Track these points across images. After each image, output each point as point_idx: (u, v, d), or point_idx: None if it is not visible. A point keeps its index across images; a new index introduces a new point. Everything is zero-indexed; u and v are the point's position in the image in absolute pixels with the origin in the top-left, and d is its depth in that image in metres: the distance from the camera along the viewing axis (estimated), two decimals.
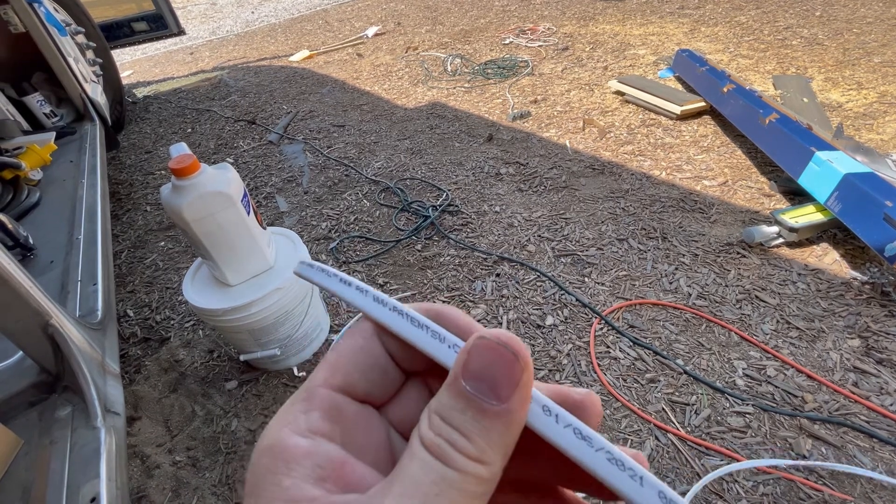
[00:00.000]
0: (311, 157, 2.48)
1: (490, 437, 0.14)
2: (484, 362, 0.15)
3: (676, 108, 2.16)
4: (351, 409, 0.18)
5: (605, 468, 0.14)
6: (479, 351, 0.15)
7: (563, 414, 0.15)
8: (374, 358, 0.18)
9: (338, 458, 0.16)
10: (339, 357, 0.18)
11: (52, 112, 2.17)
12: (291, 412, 0.17)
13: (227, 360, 1.41)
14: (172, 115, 3.41)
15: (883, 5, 2.99)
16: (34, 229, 1.37)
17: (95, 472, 0.74)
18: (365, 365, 0.18)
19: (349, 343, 0.19)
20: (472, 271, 1.58)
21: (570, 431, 0.15)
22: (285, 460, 0.15)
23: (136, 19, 3.50)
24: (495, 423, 0.14)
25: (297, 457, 0.15)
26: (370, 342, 0.19)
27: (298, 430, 0.16)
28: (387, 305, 0.18)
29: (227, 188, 1.04)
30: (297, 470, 0.15)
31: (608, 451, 0.14)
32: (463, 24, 4.21)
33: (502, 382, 0.14)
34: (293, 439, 0.16)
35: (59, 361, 0.87)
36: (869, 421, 1.02)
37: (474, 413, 0.14)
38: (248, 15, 6.74)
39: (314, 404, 0.17)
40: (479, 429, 0.14)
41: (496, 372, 0.14)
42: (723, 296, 1.34)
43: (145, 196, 2.41)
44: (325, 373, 0.18)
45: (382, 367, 0.19)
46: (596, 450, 0.14)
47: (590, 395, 0.18)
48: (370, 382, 0.18)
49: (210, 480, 1.13)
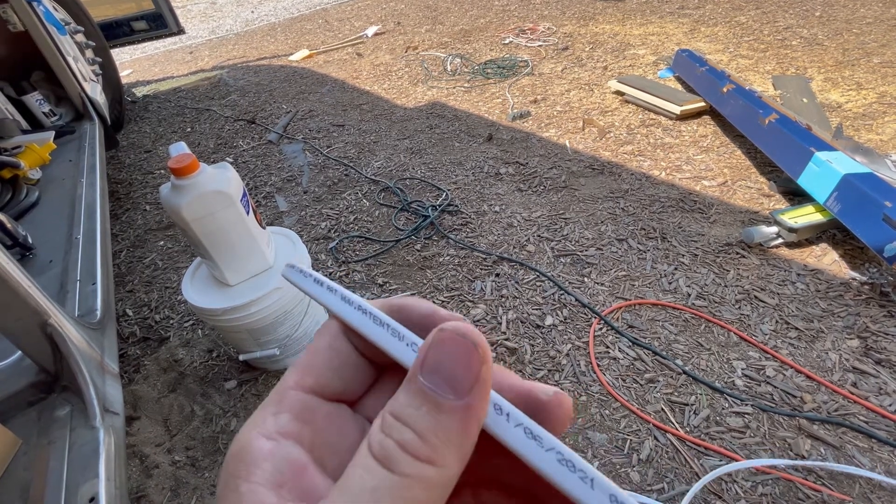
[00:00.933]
0: (310, 157, 2.48)
1: (445, 435, 0.13)
2: (442, 355, 0.14)
3: (676, 109, 2.16)
4: (323, 409, 0.17)
5: (553, 469, 0.14)
6: (438, 343, 0.14)
7: (514, 412, 0.15)
8: (344, 356, 0.18)
9: (299, 462, 0.16)
10: (310, 358, 0.18)
11: (51, 111, 2.17)
12: (262, 415, 0.16)
13: (226, 359, 1.41)
14: (172, 114, 3.41)
15: (882, 6, 2.99)
16: (33, 228, 1.37)
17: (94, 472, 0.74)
18: (336, 363, 0.18)
19: (318, 343, 0.18)
20: (471, 271, 1.58)
21: (521, 431, 0.14)
22: (247, 463, 0.15)
23: (135, 18, 3.49)
24: (452, 419, 0.13)
25: (258, 460, 0.15)
26: (338, 340, 0.18)
27: (265, 433, 0.16)
28: (352, 304, 0.18)
29: (226, 187, 1.04)
30: (256, 474, 0.15)
31: (559, 451, 0.14)
32: (463, 24, 4.21)
33: (460, 376, 0.14)
34: (258, 442, 0.15)
35: (58, 361, 0.87)
36: (868, 421, 1.02)
37: (429, 408, 0.13)
38: (248, 14, 6.73)
39: (284, 406, 0.17)
40: (434, 425, 0.13)
41: (454, 364, 0.14)
42: (722, 296, 1.34)
43: (144, 195, 2.41)
44: (297, 375, 0.18)
45: (353, 364, 0.18)
46: (546, 450, 0.14)
47: (558, 394, 0.17)
48: (343, 380, 0.18)
49: (209, 480, 1.13)
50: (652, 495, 0.96)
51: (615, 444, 1.06)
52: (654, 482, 0.98)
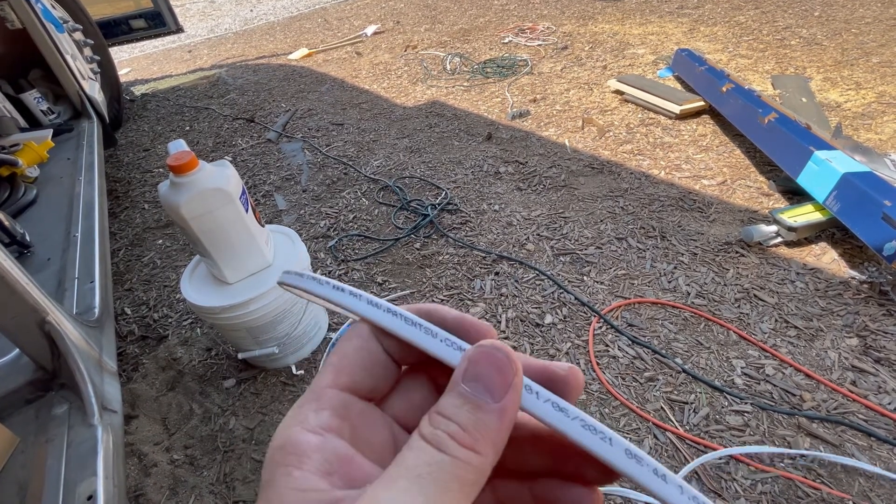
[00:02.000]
0: (309, 156, 2.48)
1: (484, 430, 0.16)
2: (481, 367, 0.16)
3: (675, 108, 2.17)
4: (357, 406, 0.19)
5: (579, 433, 0.16)
6: (478, 358, 0.17)
7: (542, 391, 0.17)
8: (375, 355, 0.20)
9: (345, 453, 0.17)
10: (343, 359, 0.19)
11: (49, 109, 2.16)
12: (302, 412, 0.18)
13: (225, 358, 1.41)
14: (170, 112, 3.40)
15: (881, 6, 2.99)
16: (31, 226, 1.37)
17: (92, 470, 0.74)
18: (367, 363, 0.20)
19: (350, 345, 0.20)
20: (471, 270, 1.58)
21: (549, 405, 0.17)
22: (297, 454, 0.16)
23: (134, 16, 3.48)
24: (490, 417, 0.16)
25: (308, 451, 0.16)
26: (369, 342, 0.20)
27: (309, 428, 0.17)
28: (381, 308, 0.20)
29: (225, 185, 1.03)
30: (307, 463, 0.16)
31: (581, 419, 0.17)
32: (462, 23, 4.21)
33: (497, 384, 0.16)
34: (304, 436, 0.17)
35: (56, 359, 0.87)
36: (867, 419, 1.02)
37: (471, 408, 0.16)
38: (247, 13, 6.72)
39: (324, 404, 0.18)
40: (475, 422, 0.16)
41: (492, 375, 0.16)
42: (721, 295, 1.34)
43: (143, 194, 2.41)
44: (332, 375, 0.19)
45: (383, 364, 0.20)
46: (571, 418, 0.17)
47: (572, 369, 0.19)
48: (373, 379, 0.20)
49: (208, 479, 1.12)
50: None
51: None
52: None
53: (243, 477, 1.11)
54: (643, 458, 0.16)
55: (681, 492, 0.15)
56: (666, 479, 0.16)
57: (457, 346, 0.18)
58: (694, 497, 0.15)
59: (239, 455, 1.16)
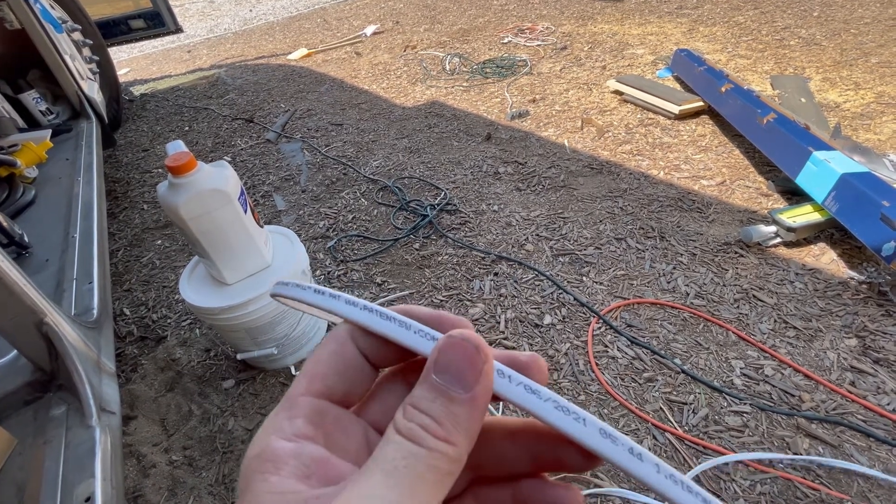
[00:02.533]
0: (308, 156, 2.48)
1: (457, 421, 0.16)
2: (451, 357, 0.17)
3: (675, 108, 2.17)
4: (332, 413, 0.19)
5: (552, 415, 0.16)
6: (447, 348, 0.17)
7: (514, 375, 0.17)
8: (350, 359, 0.20)
9: (321, 456, 0.17)
10: (317, 365, 0.20)
11: (47, 109, 2.16)
12: (276, 420, 0.18)
13: (223, 358, 1.41)
14: (170, 113, 3.39)
15: (880, 6, 3.00)
16: (29, 227, 1.37)
17: (90, 472, 0.74)
18: (341, 367, 0.20)
19: (325, 350, 0.20)
20: (470, 270, 1.58)
21: (522, 388, 0.17)
22: (273, 461, 0.16)
23: (133, 17, 3.48)
24: (462, 408, 0.16)
25: (284, 457, 0.17)
26: (344, 346, 0.20)
27: (284, 436, 0.17)
28: (357, 305, 0.20)
29: (224, 186, 1.03)
30: (284, 469, 0.16)
31: (554, 400, 0.17)
32: (461, 23, 4.21)
33: (468, 373, 0.16)
34: (279, 444, 0.17)
35: (54, 360, 0.87)
36: (866, 420, 1.02)
37: (444, 401, 0.16)
38: (246, 13, 6.72)
39: (297, 412, 0.18)
40: (448, 414, 0.16)
41: (462, 364, 0.16)
42: (721, 295, 1.35)
43: (142, 194, 2.40)
44: (305, 382, 0.19)
45: (358, 367, 0.20)
46: (544, 400, 0.17)
47: (533, 356, 0.19)
48: (348, 383, 0.20)
49: (207, 480, 1.12)
50: (651, 494, 0.96)
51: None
52: None
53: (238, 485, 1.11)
54: (618, 438, 0.16)
55: (657, 470, 0.15)
56: (642, 457, 0.15)
57: (430, 336, 0.18)
58: (671, 475, 0.15)
59: (238, 456, 1.16)
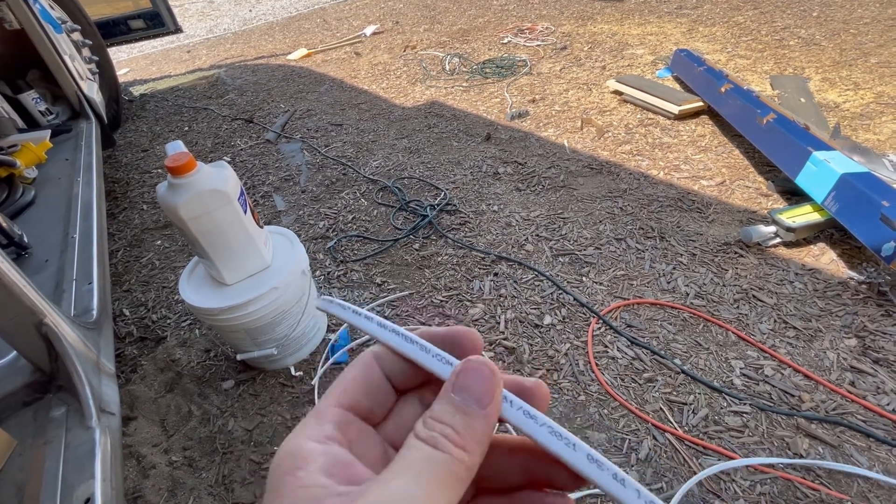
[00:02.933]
0: (308, 156, 2.48)
1: (472, 432, 0.18)
2: (470, 380, 0.19)
3: (674, 108, 2.17)
4: (356, 425, 0.21)
5: (546, 438, 0.19)
6: (467, 370, 0.20)
7: (515, 400, 0.20)
8: (375, 380, 0.23)
9: (346, 459, 0.19)
10: (346, 383, 0.22)
11: (47, 110, 2.15)
12: (307, 425, 0.20)
13: (223, 359, 1.41)
14: (169, 113, 3.39)
15: (880, 6, 3.00)
16: (29, 228, 1.36)
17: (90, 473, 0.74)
18: (368, 386, 0.22)
19: (353, 371, 0.23)
20: (469, 270, 1.58)
21: (521, 413, 0.20)
22: (303, 458, 0.18)
23: (132, 17, 3.48)
24: (477, 422, 0.19)
25: (313, 455, 0.18)
26: (370, 368, 0.23)
27: (313, 437, 0.19)
28: (386, 328, 0.23)
29: (223, 186, 1.03)
30: (312, 465, 0.18)
31: (549, 425, 0.19)
32: (461, 24, 4.21)
33: (483, 394, 0.19)
34: (308, 444, 0.19)
35: (54, 361, 0.87)
36: (866, 420, 1.02)
37: (462, 415, 0.19)
38: (246, 13, 6.71)
39: (326, 418, 0.20)
40: (465, 426, 0.18)
41: (479, 386, 0.19)
42: (720, 295, 1.35)
43: (142, 195, 2.40)
44: (335, 396, 0.22)
45: (382, 389, 0.23)
46: (540, 425, 0.19)
47: (538, 382, 0.22)
48: (372, 401, 0.22)
49: (206, 481, 1.12)
50: None
51: (614, 443, 1.06)
52: (652, 481, 0.98)
53: (242, 479, 1.11)
54: (603, 463, 0.18)
55: (638, 496, 0.17)
56: (625, 483, 0.17)
57: (446, 360, 0.21)
58: (651, 501, 0.16)
59: (238, 456, 1.16)
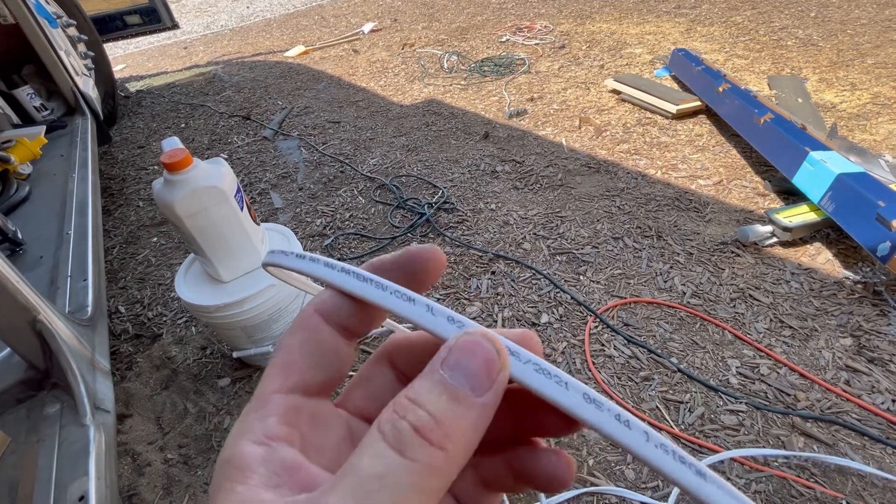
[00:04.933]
0: (306, 154, 2.47)
1: (458, 424, 0.14)
2: (465, 356, 0.15)
3: (672, 108, 2.17)
4: (307, 408, 0.18)
5: (532, 378, 0.15)
6: (463, 345, 0.15)
7: (500, 338, 0.16)
8: (324, 342, 0.18)
9: (293, 462, 0.16)
10: (289, 354, 0.18)
11: (42, 105, 2.14)
12: (248, 421, 0.17)
13: (219, 357, 1.40)
14: (166, 109, 3.37)
15: (877, 7, 3.01)
16: (23, 224, 1.35)
17: (84, 470, 0.73)
18: (317, 353, 0.18)
19: (295, 339, 0.18)
20: (467, 269, 1.58)
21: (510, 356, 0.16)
22: (241, 469, 0.15)
23: (128, 12, 3.45)
24: (468, 411, 0.14)
25: (253, 465, 0.15)
26: (316, 329, 0.18)
27: (255, 439, 0.16)
28: (335, 268, 0.19)
29: (220, 182, 1.02)
30: (252, 477, 0.15)
31: (535, 362, 0.15)
32: (460, 22, 4.20)
33: (481, 378, 0.14)
34: (248, 448, 0.16)
35: (48, 358, 0.86)
36: (860, 419, 1.03)
37: (448, 398, 0.14)
38: (243, 10, 6.68)
39: (268, 410, 0.17)
40: (450, 413, 0.14)
41: (477, 367, 0.15)
42: (717, 294, 1.35)
43: (138, 192, 2.39)
44: (278, 377, 0.18)
45: (334, 349, 0.18)
46: (524, 362, 0.15)
47: (525, 333, 0.18)
48: (326, 369, 0.18)
49: (202, 478, 1.12)
50: (647, 493, 0.96)
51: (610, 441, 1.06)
52: (648, 479, 0.99)
53: None
54: (603, 403, 0.15)
55: (646, 439, 0.14)
56: (630, 424, 0.14)
57: (406, 297, 0.17)
58: (661, 444, 0.14)
59: None
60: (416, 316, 0.17)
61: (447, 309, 0.17)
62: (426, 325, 0.17)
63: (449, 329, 0.17)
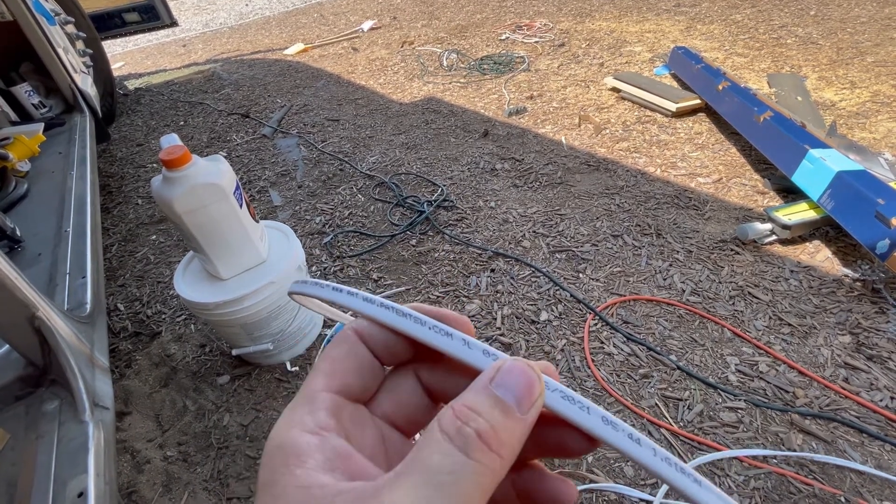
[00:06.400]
0: (305, 152, 2.46)
1: (510, 435, 0.16)
2: (513, 379, 0.17)
3: (672, 106, 2.17)
4: (347, 409, 0.20)
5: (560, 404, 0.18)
6: (511, 369, 0.17)
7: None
8: (363, 359, 0.21)
9: (345, 450, 0.17)
10: (333, 363, 0.20)
11: (40, 103, 2.13)
12: (297, 414, 0.18)
13: (219, 354, 1.40)
14: (164, 107, 3.37)
15: (876, 5, 3.01)
16: (22, 221, 1.35)
17: (83, 467, 0.73)
18: (356, 366, 0.20)
19: (339, 350, 0.21)
20: (466, 267, 1.58)
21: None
22: (297, 454, 0.17)
23: (127, 10, 3.44)
24: (516, 425, 0.16)
25: (308, 451, 0.17)
26: (356, 346, 0.21)
27: (307, 429, 0.18)
28: (374, 302, 0.21)
29: (218, 179, 1.02)
30: (309, 462, 0.16)
31: (561, 391, 0.18)
32: (459, 20, 4.19)
33: (524, 398, 0.17)
34: (303, 437, 0.17)
35: (47, 355, 0.86)
36: (859, 416, 1.03)
37: (501, 411, 0.16)
38: (243, 7, 6.66)
39: (317, 405, 0.19)
40: (503, 425, 0.16)
41: (521, 389, 0.17)
42: (716, 292, 1.35)
43: (136, 189, 2.38)
44: (323, 379, 0.20)
45: (370, 366, 0.21)
46: (552, 391, 0.18)
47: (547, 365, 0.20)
48: (363, 380, 0.21)
49: (202, 475, 1.12)
50: (646, 490, 0.96)
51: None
52: (647, 476, 0.99)
53: (237, 473, 1.11)
54: (618, 425, 0.17)
55: (654, 454, 0.16)
56: (640, 442, 0.17)
57: (444, 331, 0.19)
58: (666, 458, 0.16)
59: (233, 452, 1.16)
60: (453, 349, 0.19)
61: (482, 343, 0.19)
62: (463, 357, 0.19)
63: (484, 361, 0.19)
